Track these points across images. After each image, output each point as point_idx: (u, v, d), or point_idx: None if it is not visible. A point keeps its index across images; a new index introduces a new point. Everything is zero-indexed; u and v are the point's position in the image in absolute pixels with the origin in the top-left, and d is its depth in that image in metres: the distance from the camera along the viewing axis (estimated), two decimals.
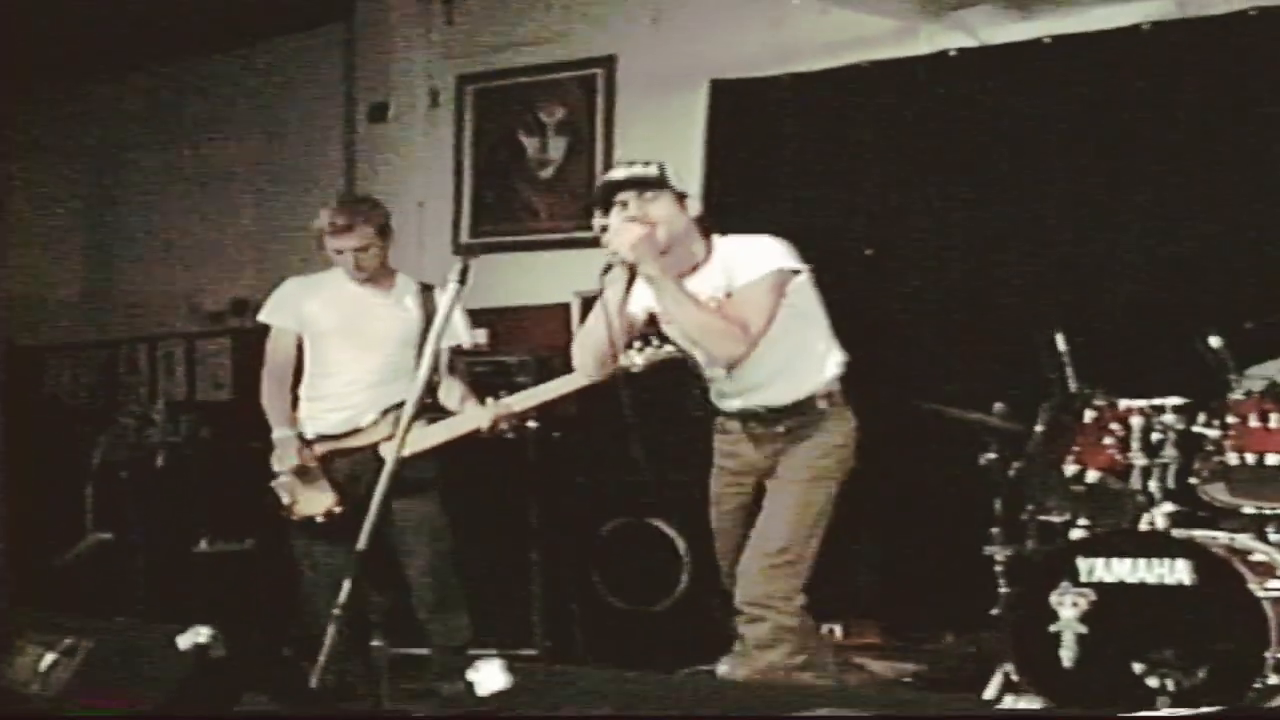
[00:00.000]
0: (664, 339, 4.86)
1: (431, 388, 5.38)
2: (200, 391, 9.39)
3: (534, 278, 7.82)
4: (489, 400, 5.36)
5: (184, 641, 3.64)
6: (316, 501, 5.38)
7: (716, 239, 4.62)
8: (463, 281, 4.16)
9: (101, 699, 3.64)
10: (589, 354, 4.57)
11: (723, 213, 7.30)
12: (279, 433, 5.46)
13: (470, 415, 5.32)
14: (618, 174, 4.57)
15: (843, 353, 4.76)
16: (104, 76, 9.44)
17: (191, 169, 9.35)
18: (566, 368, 5.02)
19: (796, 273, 4.54)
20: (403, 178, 8.36)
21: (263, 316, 5.62)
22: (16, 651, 3.84)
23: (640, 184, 4.46)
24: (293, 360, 5.54)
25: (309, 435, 5.46)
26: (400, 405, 5.26)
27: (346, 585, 3.83)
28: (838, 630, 6.84)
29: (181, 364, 9.49)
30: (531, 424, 6.30)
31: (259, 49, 8.97)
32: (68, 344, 9.90)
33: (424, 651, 5.49)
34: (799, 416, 4.62)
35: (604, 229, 4.47)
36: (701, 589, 5.30)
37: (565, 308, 7.59)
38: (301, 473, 5.38)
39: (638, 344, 4.89)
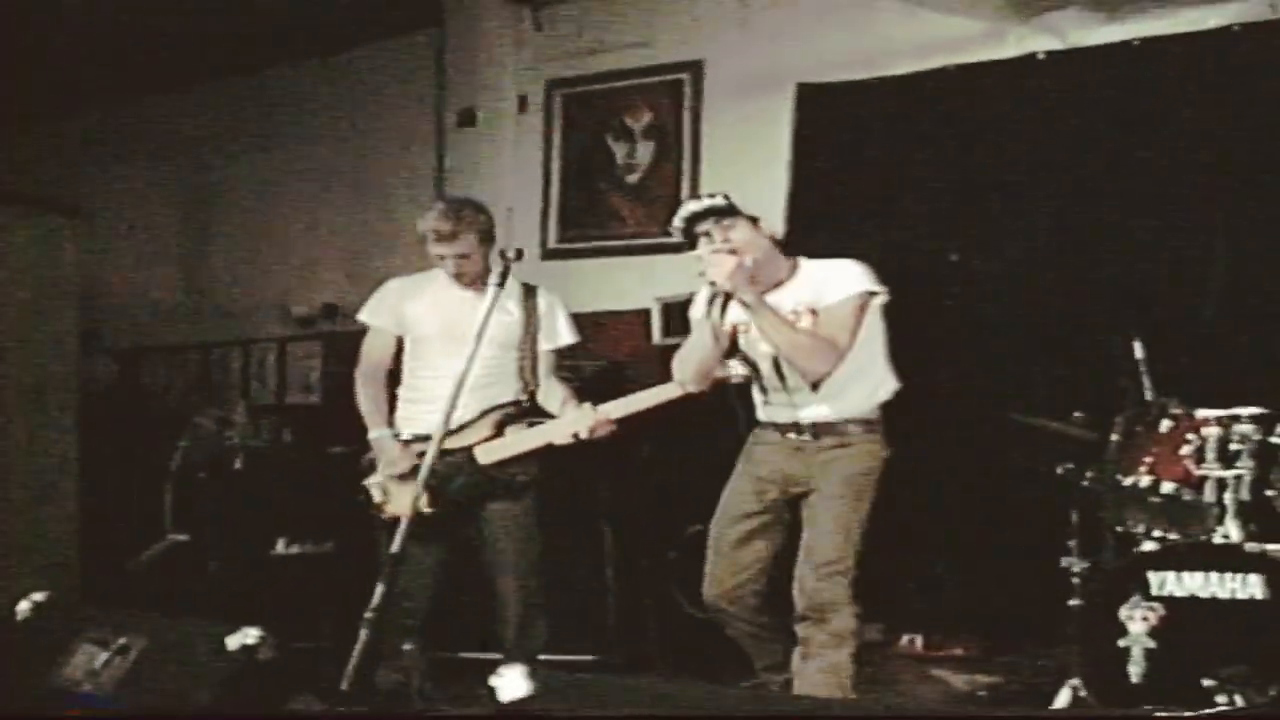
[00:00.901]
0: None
1: (531, 392, 5.38)
2: (291, 395, 9.50)
3: (616, 283, 7.81)
4: (586, 405, 5.25)
5: (232, 642, 3.65)
6: (408, 502, 5.32)
7: (801, 260, 4.87)
8: (501, 284, 4.13)
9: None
10: (691, 368, 4.79)
11: (809, 217, 7.31)
12: (376, 433, 5.38)
13: (571, 420, 5.21)
14: (692, 207, 4.78)
15: (895, 380, 4.89)
16: (199, 83, 9.57)
17: (284, 174, 9.46)
18: (642, 374, 5.02)
19: (875, 294, 4.78)
20: (492, 183, 8.35)
21: (363, 316, 5.52)
22: (73, 650, 3.87)
23: (714, 213, 4.72)
24: (389, 361, 5.47)
25: (405, 436, 5.41)
26: (501, 407, 5.29)
27: (380, 589, 3.82)
28: (919, 641, 6.78)
29: (273, 368, 9.60)
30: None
31: (351, 55, 9.06)
32: (163, 347, 10.04)
33: (491, 656, 5.46)
34: (842, 435, 4.79)
35: (699, 260, 4.70)
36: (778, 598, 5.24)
37: (645, 314, 7.58)
38: (406, 476, 5.33)
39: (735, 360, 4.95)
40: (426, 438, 5.26)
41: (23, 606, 4.15)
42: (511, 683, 2.93)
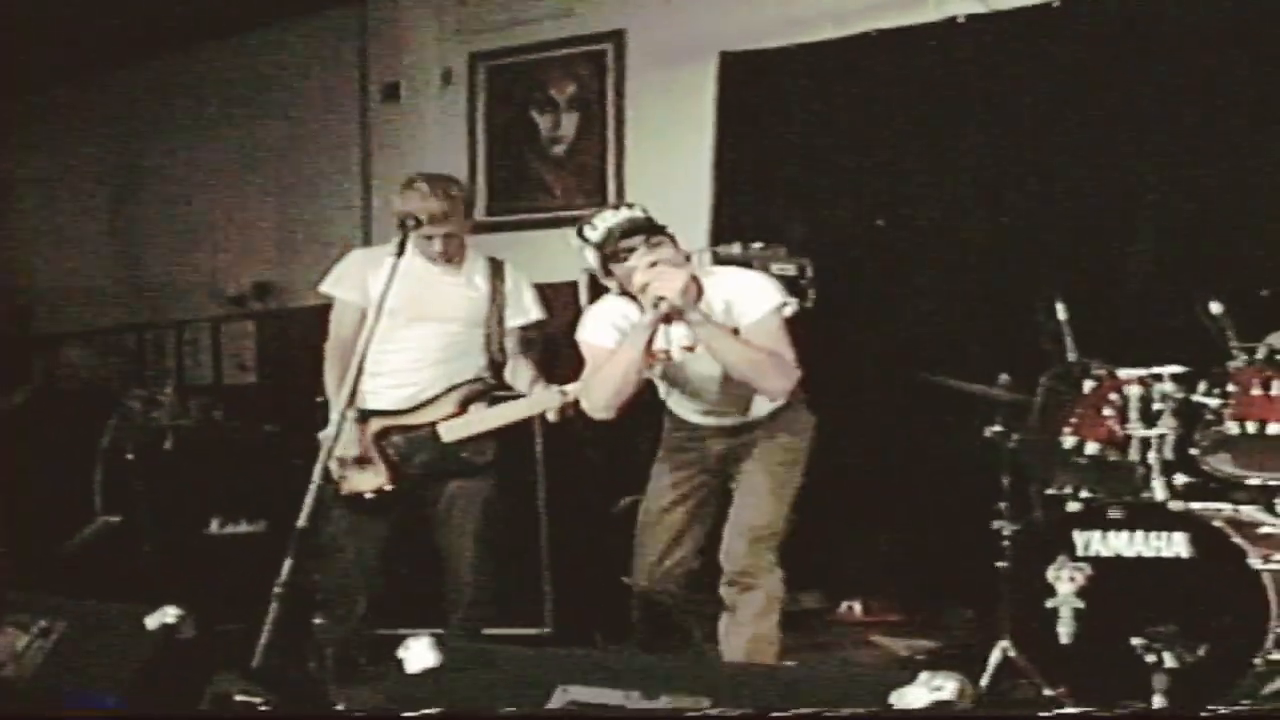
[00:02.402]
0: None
1: (497, 367, 5.33)
2: (227, 375, 9.43)
3: (545, 255, 7.76)
4: (554, 387, 5.16)
5: (152, 622, 3.62)
6: (368, 478, 5.23)
7: (702, 278, 4.69)
8: (400, 253, 4.08)
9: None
10: (609, 393, 4.60)
11: (734, 185, 7.31)
12: (339, 414, 5.31)
13: (537, 400, 5.16)
14: (618, 218, 4.61)
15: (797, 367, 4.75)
16: (120, 64, 9.48)
17: (209, 154, 9.37)
18: (573, 346, 4.93)
19: (786, 305, 4.67)
20: (417, 157, 8.30)
21: (326, 288, 5.35)
22: None
23: (644, 228, 4.57)
24: (358, 335, 5.09)
25: (367, 409, 5.27)
26: (465, 384, 5.23)
27: (288, 563, 3.80)
28: (857, 607, 6.81)
29: (207, 348, 9.53)
30: None
31: (273, 32, 8.96)
32: (94, 330, 9.92)
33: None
34: (765, 424, 4.75)
35: (631, 273, 4.52)
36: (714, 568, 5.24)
37: (573, 286, 7.56)
38: (362, 460, 5.26)
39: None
40: (388, 413, 5.25)
41: None
42: (419, 654, 2.92)
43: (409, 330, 5.19)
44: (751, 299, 4.60)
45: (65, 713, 3.66)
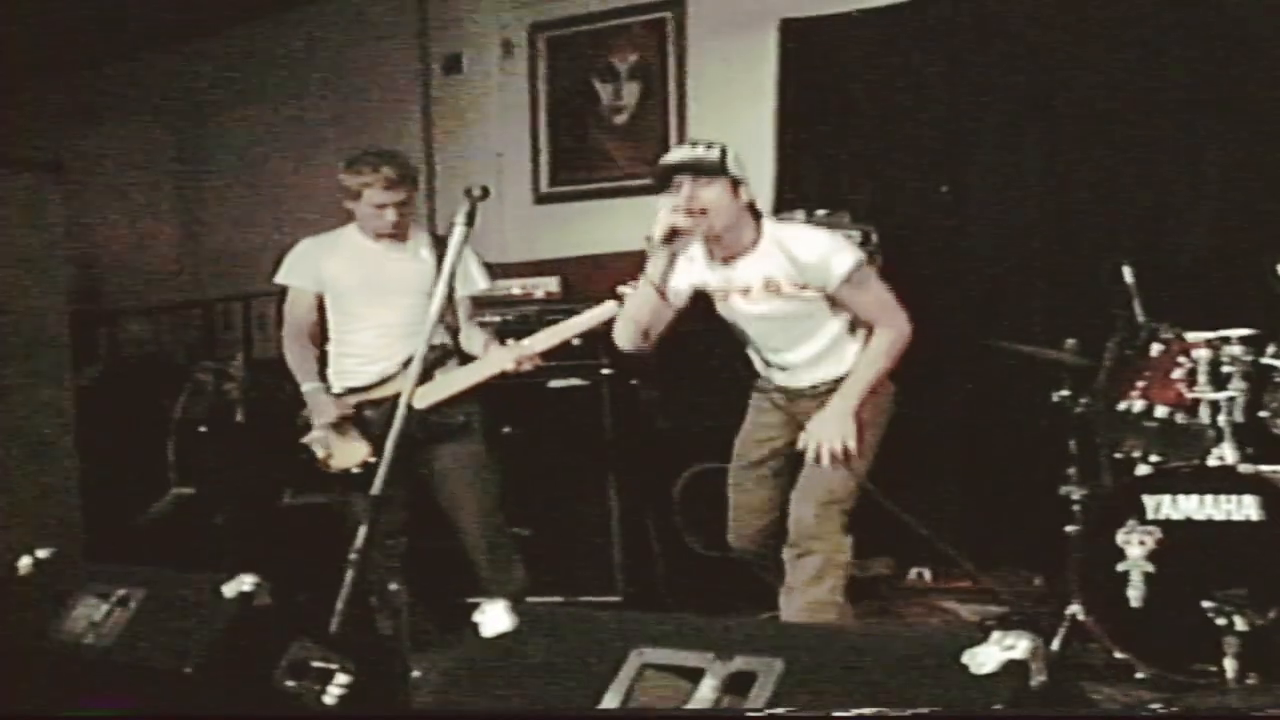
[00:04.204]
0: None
1: (453, 335, 5.46)
2: None
3: (611, 225, 7.78)
4: (510, 342, 5.35)
5: (229, 590, 3.66)
6: (351, 454, 5.40)
7: (766, 225, 4.70)
8: (469, 224, 4.12)
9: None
10: (623, 324, 4.72)
11: (797, 152, 7.29)
12: (308, 386, 5.49)
13: (494, 358, 5.32)
14: (674, 156, 4.64)
15: None
16: (182, 40, 9.51)
17: (273, 128, 9.40)
18: None
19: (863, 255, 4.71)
20: (480, 129, 8.38)
21: (280, 278, 5.61)
22: (74, 604, 3.89)
23: (695, 168, 4.52)
24: (313, 319, 5.57)
25: (338, 390, 5.48)
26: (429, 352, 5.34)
27: (362, 530, 3.85)
28: (927, 574, 6.80)
29: (274, 321, 9.58)
30: (605, 371, 6.34)
31: (333, 5, 8.98)
32: (164, 306, 10.02)
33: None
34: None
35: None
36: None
37: (640, 255, 7.55)
38: (336, 425, 5.40)
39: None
40: (358, 389, 5.38)
41: (24, 563, 4.18)
42: (494, 618, 2.94)
43: (368, 308, 5.42)
44: (833, 263, 4.56)
45: (65, 713, 3.70)
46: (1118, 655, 4.74)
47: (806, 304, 4.61)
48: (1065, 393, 5.41)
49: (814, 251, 4.59)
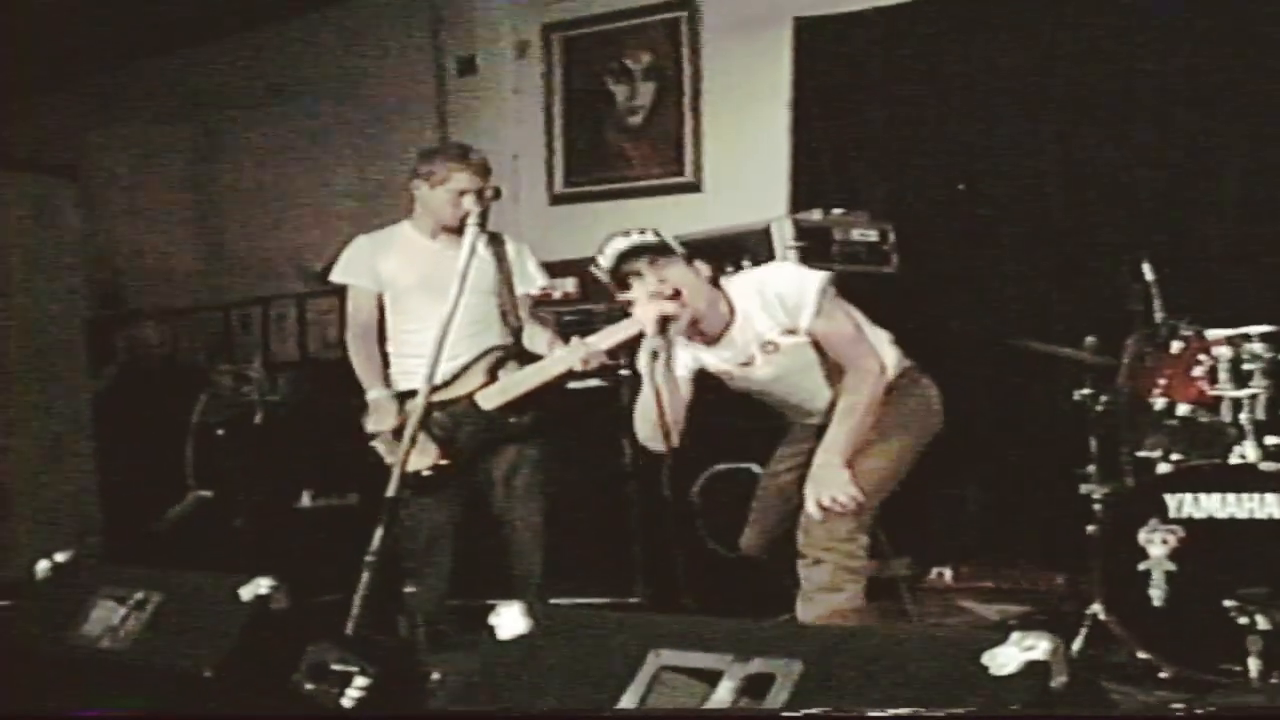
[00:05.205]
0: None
1: (516, 335, 5.39)
2: (313, 350, 9.50)
3: (626, 225, 7.74)
4: (574, 340, 5.22)
5: (246, 593, 3.66)
6: (419, 457, 5.24)
7: (726, 287, 4.53)
8: (482, 226, 4.05)
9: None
10: (650, 427, 4.49)
11: (812, 152, 7.27)
12: (374, 393, 5.38)
13: (561, 356, 5.21)
14: (617, 246, 4.44)
15: (896, 350, 4.71)
16: (199, 42, 9.54)
17: (288, 130, 9.40)
18: None
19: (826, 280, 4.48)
20: (496, 130, 8.35)
21: (337, 277, 5.49)
22: (91, 607, 3.89)
23: (644, 250, 4.40)
24: (376, 319, 5.44)
25: (403, 390, 5.39)
26: (491, 351, 5.32)
27: (379, 532, 3.83)
28: (947, 574, 6.78)
29: (293, 324, 9.60)
30: (624, 371, 6.31)
31: (347, 7, 8.99)
32: (182, 309, 10.04)
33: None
34: None
35: (629, 304, 4.43)
36: None
37: None
38: (400, 431, 5.31)
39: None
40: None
41: (42, 566, 4.18)
42: (510, 620, 2.93)
43: (430, 307, 5.20)
44: (796, 297, 4.41)
45: (84, 716, 3.70)
46: (1140, 655, 4.70)
47: (808, 349, 4.51)
48: (1086, 391, 5.37)
49: (782, 280, 4.49)
